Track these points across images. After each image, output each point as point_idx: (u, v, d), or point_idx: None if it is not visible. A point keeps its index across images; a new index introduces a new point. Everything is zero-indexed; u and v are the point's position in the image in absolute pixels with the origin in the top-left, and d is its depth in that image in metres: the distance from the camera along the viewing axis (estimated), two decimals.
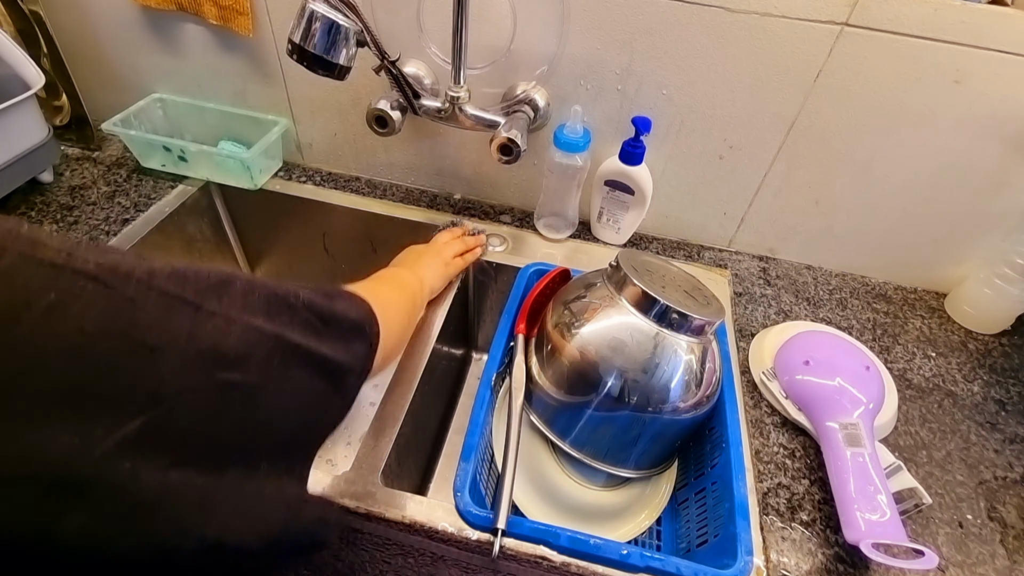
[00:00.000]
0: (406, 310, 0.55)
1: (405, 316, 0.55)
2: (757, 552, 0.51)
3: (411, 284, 0.61)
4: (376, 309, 0.40)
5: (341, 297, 0.37)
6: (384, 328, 0.40)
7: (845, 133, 0.69)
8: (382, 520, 0.50)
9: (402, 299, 0.55)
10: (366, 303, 0.39)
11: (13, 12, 0.76)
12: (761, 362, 0.67)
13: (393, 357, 0.50)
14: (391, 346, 0.44)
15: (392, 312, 0.46)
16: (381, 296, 0.43)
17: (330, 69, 0.54)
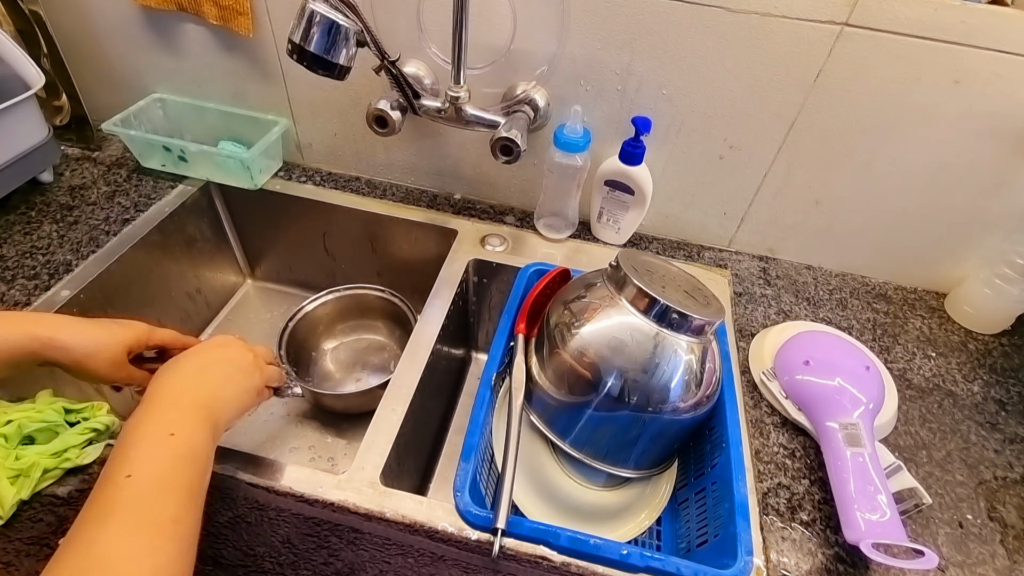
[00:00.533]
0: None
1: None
2: (757, 552, 0.51)
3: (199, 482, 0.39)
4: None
5: None
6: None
7: (845, 133, 0.69)
8: (382, 520, 0.50)
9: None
10: None
11: (13, 12, 0.76)
12: (761, 362, 0.67)
13: None
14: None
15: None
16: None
17: (330, 69, 0.54)
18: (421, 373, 0.62)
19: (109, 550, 0.32)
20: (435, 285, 0.74)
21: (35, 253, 0.71)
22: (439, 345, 0.68)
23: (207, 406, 0.43)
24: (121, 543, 0.32)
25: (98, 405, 0.54)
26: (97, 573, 0.31)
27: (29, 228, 0.74)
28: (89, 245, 0.73)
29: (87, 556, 0.31)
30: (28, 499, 0.48)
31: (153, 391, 0.42)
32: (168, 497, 0.36)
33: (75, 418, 0.53)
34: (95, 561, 0.31)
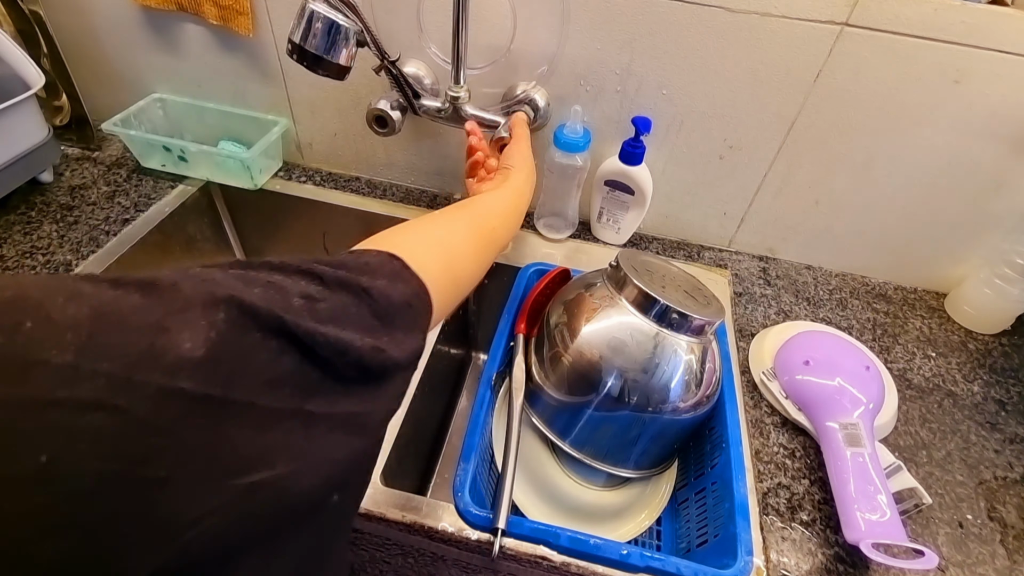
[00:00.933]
0: (477, 248, 0.49)
1: (473, 258, 0.47)
2: (757, 552, 0.51)
3: (513, 203, 0.58)
4: (425, 277, 0.35)
5: (376, 290, 0.30)
6: (437, 296, 0.35)
7: (845, 133, 0.69)
8: (382, 520, 0.50)
9: (475, 236, 0.49)
10: (411, 278, 0.34)
11: (13, 12, 0.76)
12: (761, 362, 0.67)
13: (456, 300, 0.44)
14: (448, 301, 0.41)
15: (455, 259, 0.43)
16: (438, 248, 0.40)
17: (330, 69, 0.54)
18: (421, 373, 0.62)
19: (451, 224, 0.49)
20: None
21: (35, 253, 0.71)
22: (439, 345, 0.68)
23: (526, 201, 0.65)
24: (460, 225, 0.50)
25: None
26: (433, 225, 0.47)
27: (29, 228, 0.74)
28: (89, 245, 0.73)
29: (438, 219, 0.49)
30: None
31: (518, 167, 0.66)
32: (503, 227, 0.55)
33: None
34: (440, 223, 0.48)
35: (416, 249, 0.37)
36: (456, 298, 0.43)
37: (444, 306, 0.39)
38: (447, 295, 0.39)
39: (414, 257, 0.35)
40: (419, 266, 0.35)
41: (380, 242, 0.37)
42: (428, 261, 0.36)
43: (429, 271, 0.36)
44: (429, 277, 0.35)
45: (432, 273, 0.36)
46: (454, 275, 0.42)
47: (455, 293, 0.43)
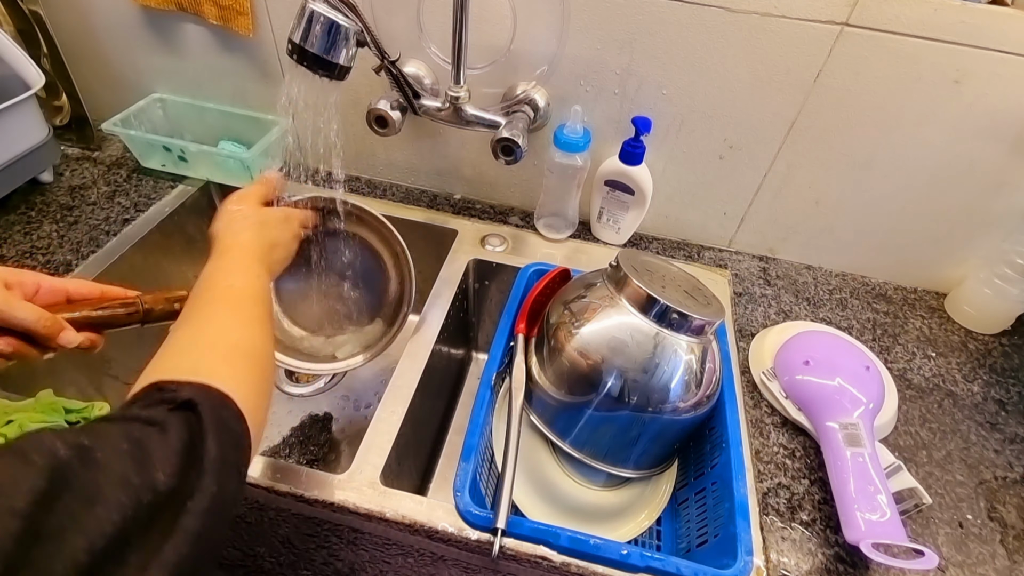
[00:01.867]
0: (265, 352, 0.41)
1: (266, 360, 0.41)
2: (757, 552, 0.51)
3: (262, 293, 0.46)
4: (238, 400, 0.33)
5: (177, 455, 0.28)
6: (253, 417, 0.34)
7: (845, 133, 0.69)
8: (382, 520, 0.50)
9: (260, 336, 0.41)
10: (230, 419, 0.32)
11: (13, 12, 0.76)
12: (761, 362, 0.67)
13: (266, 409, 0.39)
14: (261, 410, 0.37)
15: (253, 373, 0.37)
16: (237, 365, 0.36)
17: (330, 69, 0.54)
18: (421, 373, 0.62)
19: (212, 322, 0.40)
20: (435, 285, 0.74)
21: (35, 253, 0.71)
22: (439, 345, 0.68)
23: (264, 264, 0.49)
24: (221, 318, 0.40)
25: (98, 405, 0.54)
26: (198, 333, 0.39)
27: (29, 228, 0.74)
28: (89, 245, 0.73)
29: (194, 325, 0.40)
30: None
31: (220, 241, 0.49)
32: (259, 306, 0.43)
33: (75, 418, 0.53)
34: (199, 326, 0.39)
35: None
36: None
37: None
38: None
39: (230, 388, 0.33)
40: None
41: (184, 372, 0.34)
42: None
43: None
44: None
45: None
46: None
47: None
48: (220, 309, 0.41)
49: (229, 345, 0.38)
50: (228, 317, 0.40)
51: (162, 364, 0.35)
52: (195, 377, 0.33)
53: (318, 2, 0.51)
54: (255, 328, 0.41)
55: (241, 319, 0.41)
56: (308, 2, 0.51)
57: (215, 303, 0.42)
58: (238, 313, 0.41)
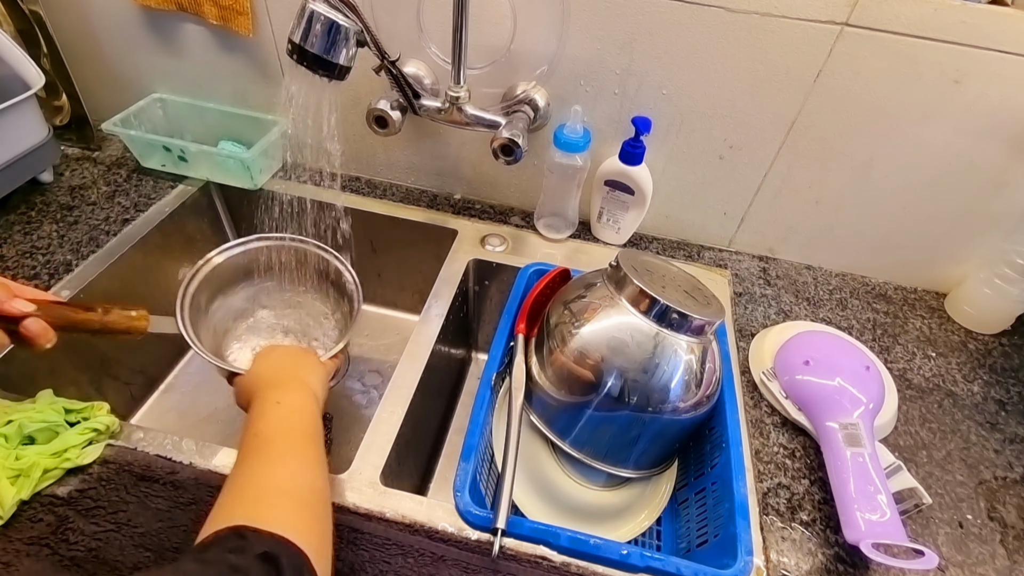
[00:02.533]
0: (324, 494, 0.43)
1: (324, 503, 0.42)
2: (757, 552, 0.51)
3: (314, 431, 0.47)
4: (308, 550, 0.34)
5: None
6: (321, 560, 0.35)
7: (845, 133, 0.69)
8: (382, 520, 0.50)
9: (319, 480, 0.43)
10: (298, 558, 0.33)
11: (13, 12, 0.76)
12: (761, 362, 0.67)
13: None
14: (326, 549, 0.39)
15: (318, 521, 0.39)
16: (301, 511, 0.38)
17: (330, 69, 0.54)
18: (421, 373, 0.62)
19: (251, 476, 0.41)
20: (435, 285, 0.74)
21: (35, 253, 0.71)
22: (439, 345, 0.68)
23: (303, 381, 0.52)
24: (258, 469, 0.41)
25: (98, 405, 0.54)
26: (266, 480, 0.40)
27: (29, 228, 0.74)
28: (89, 245, 0.73)
29: (260, 470, 0.41)
30: (28, 499, 0.48)
31: (257, 381, 0.51)
32: (286, 439, 0.45)
33: (75, 418, 0.53)
34: (266, 473, 0.41)
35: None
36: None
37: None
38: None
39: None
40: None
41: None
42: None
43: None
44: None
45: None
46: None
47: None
48: (286, 450, 0.43)
49: (298, 494, 0.40)
50: (293, 459, 0.42)
51: (236, 509, 0.37)
52: (271, 527, 0.34)
53: (318, 2, 0.51)
54: (317, 472, 0.43)
55: (306, 461, 0.43)
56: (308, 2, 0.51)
57: (278, 442, 0.44)
58: (303, 455, 0.43)
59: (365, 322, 0.97)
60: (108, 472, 0.51)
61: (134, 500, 0.49)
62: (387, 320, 0.97)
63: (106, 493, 0.49)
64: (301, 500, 0.39)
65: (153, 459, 0.52)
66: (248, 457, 0.43)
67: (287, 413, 0.47)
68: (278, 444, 0.44)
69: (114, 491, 0.50)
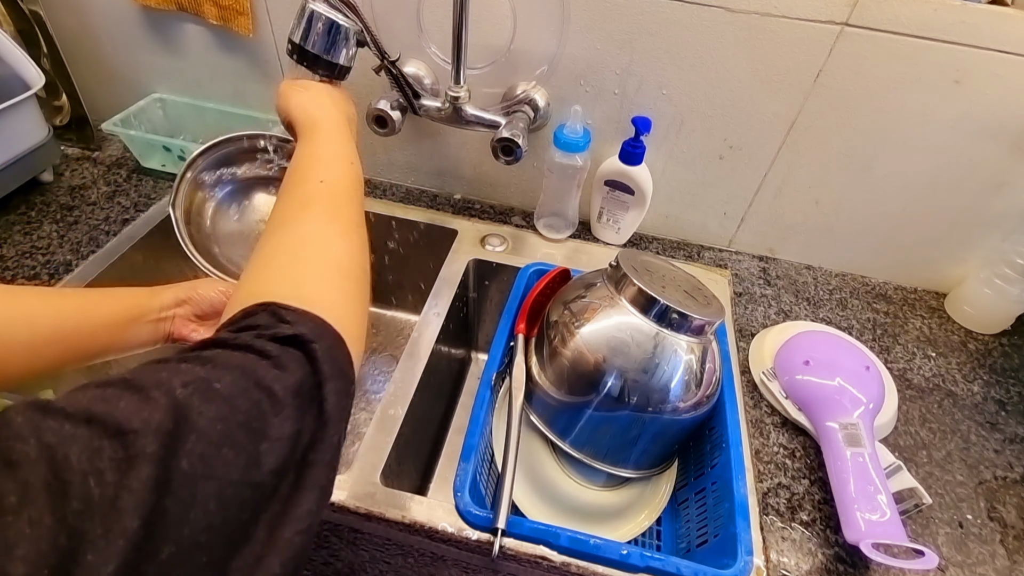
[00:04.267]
0: (357, 223, 0.40)
1: (357, 238, 0.39)
2: (757, 552, 0.51)
3: (356, 183, 0.46)
4: (331, 318, 0.30)
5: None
6: (348, 322, 0.31)
7: (845, 133, 0.69)
8: (382, 520, 0.50)
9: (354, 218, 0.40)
10: (319, 328, 0.29)
11: (13, 12, 0.76)
12: (761, 362, 0.67)
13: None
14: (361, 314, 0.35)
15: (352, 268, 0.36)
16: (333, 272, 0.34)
17: (330, 69, 0.54)
18: (421, 373, 0.62)
19: (309, 231, 0.36)
20: (435, 285, 0.74)
21: (35, 253, 0.71)
22: (439, 345, 0.68)
23: (352, 123, 0.49)
24: (319, 227, 0.37)
25: None
26: (298, 247, 0.35)
27: (29, 228, 0.74)
28: (89, 245, 0.73)
29: (292, 234, 0.36)
30: None
31: (317, 119, 0.48)
32: (354, 205, 0.42)
33: None
34: (298, 238, 0.36)
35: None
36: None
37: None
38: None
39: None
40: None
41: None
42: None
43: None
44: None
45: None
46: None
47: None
48: (316, 214, 0.38)
49: (332, 265, 0.35)
50: (326, 225, 0.37)
51: (263, 281, 0.33)
52: (304, 305, 0.30)
53: (318, 2, 0.51)
54: (354, 239, 0.38)
55: (340, 227, 0.38)
56: (308, 2, 0.51)
57: (311, 206, 0.38)
58: (336, 219, 0.39)
59: None
60: None
61: None
62: (387, 320, 0.97)
63: None
64: (350, 275, 0.35)
65: None
66: (313, 207, 0.38)
67: (347, 166, 0.44)
68: (346, 205, 0.40)
69: None
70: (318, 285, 0.33)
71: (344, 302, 0.33)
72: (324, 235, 0.37)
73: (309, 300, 0.30)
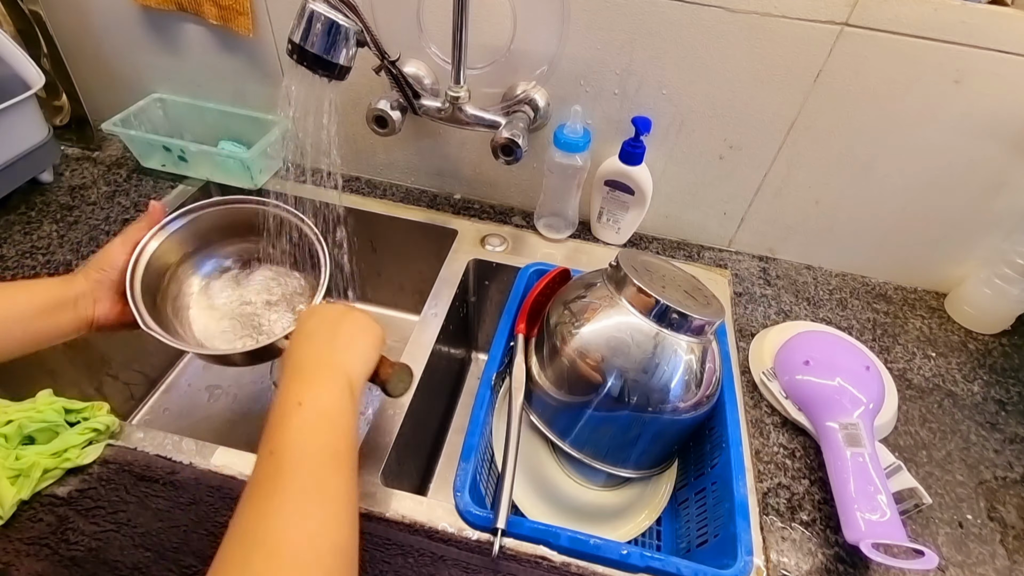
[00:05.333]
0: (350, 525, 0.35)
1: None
2: (757, 552, 0.51)
3: (345, 446, 0.38)
4: None
5: None
6: None
7: (845, 133, 0.69)
8: (382, 520, 0.50)
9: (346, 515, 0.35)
10: None
11: (13, 12, 0.76)
12: (761, 362, 0.67)
13: None
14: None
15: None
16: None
17: (330, 69, 0.54)
18: (421, 373, 0.62)
19: (261, 526, 0.32)
20: (435, 285, 0.74)
21: (35, 253, 0.71)
22: (439, 345, 0.68)
23: (336, 367, 0.41)
24: (271, 518, 0.32)
25: (98, 405, 0.54)
26: (258, 550, 0.31)
27: (29, 228, 0.74)
28: (89, 245, 0.73)
29: (246, 535, 0.32)
30: (28, 499, 0.48)
31: (284, 365, 0.42)
32: (307, 465, 0.35)
33: (75, 418, 0.53)
34: (255, 539, 0.32)
35: None
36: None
37: None
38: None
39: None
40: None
41: None
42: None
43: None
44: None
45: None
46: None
47: None
48: (304, 485, 0.34)
49: (314, 557, 0.31)
50: (312, 501, 0.33)
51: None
52: None
53: (318, 2, 0.51)
54: (344, 517, 0.34)
55: (328, 502, 0.34)
56: (308, 2, 0.51)
57: (295, 470, 0.34)
58: (325, 491, 0.34)
59: None
60: (108, 472, 0.51)
61: (134, 500, 0.49)
62: (387, 320, 0.97)
63: (106, 493, 0.49)
64: (316, 566, 0.31)
65: (153, 459, 0.52)
66: (259, 488, 0.34)
67: (312, 420, 0.37)
68: (295, 473, 0.34)
69: (114, 491, 0.50)
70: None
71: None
72: (315, 516, 0.33)
73: None
